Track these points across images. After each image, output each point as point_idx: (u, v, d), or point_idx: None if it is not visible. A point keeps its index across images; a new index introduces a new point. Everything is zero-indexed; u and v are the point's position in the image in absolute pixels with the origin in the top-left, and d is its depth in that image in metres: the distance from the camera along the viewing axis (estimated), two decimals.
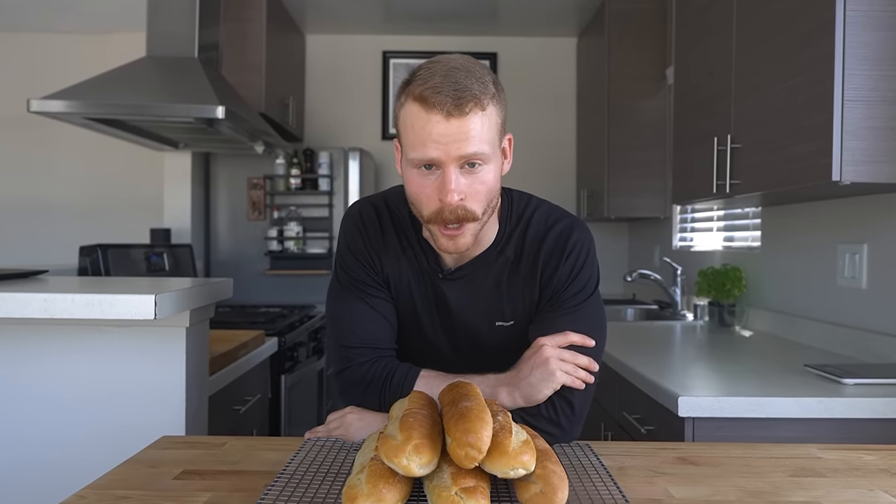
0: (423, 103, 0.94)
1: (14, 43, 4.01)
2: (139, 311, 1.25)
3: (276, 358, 2.41)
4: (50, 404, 1.42)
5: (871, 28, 1.42)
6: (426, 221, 1.01)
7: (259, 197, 3.50)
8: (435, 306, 1.12)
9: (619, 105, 3.33)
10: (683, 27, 2.35)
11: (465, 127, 0.94)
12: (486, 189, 0.99)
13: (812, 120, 1.50)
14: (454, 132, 0.94)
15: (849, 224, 1.88)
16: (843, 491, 0.88)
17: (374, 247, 1.11)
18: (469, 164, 0.96)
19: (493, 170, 0.99)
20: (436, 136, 0.94)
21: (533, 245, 1.10)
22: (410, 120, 0.96)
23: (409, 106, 0.97)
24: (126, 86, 2.42)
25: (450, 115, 0.93)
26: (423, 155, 0.95)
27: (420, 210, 1.01)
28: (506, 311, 1.10)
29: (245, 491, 0.86)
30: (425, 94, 0.94)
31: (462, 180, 0.96)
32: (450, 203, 0.96)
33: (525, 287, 1.10)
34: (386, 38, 4.09)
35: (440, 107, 0.93)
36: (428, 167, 0.97)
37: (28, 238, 3.95)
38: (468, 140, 0.94)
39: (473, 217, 0.98)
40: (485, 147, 0.96)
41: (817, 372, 1.53)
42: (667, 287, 2.92)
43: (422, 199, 0.99)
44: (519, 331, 1.11)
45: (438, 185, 0.96)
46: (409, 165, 0.99)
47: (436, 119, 0.93)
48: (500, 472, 0.75)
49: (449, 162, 0.95)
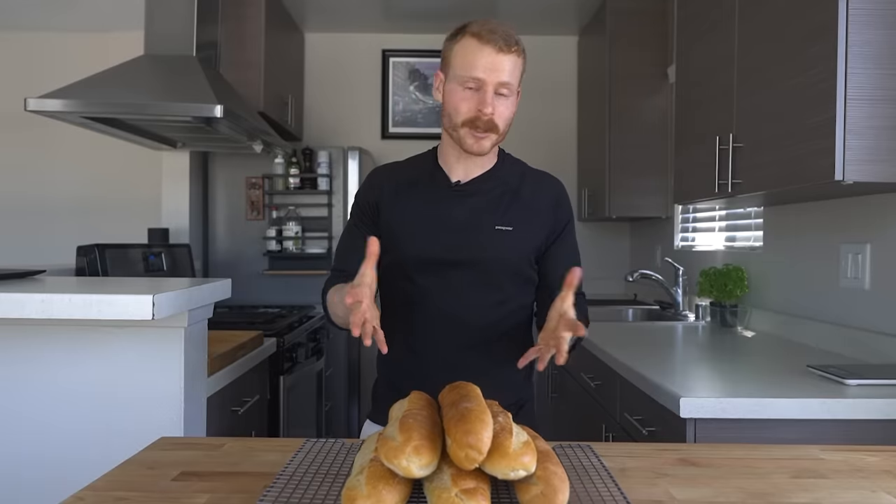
0: (479, 38, 1.24)
1: (11, 41, 4.00)
2: (137, 312, 1.24)
3: (274, 359, 2.40)
4: (47, 405, 1.41)
5: (875, 27, 1.41)
6: (460, 125, 1.27)
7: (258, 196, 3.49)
8: (441, 212, 1.33)
9: (621, 104, 3.33)
10: (685, 25, 2.34)
11: (507, 62, 1.25)
12: (508, 113, 1.29)
13: (815, 119, 1.50)
14: (499, 63, 1.24)
15: (852, 224, 1.88)
16: (845, 492, 0.87)
17: (369, 192, 1.38)
18: (501, 91, 1.25)
19: (513, 101, 1.29)
20: (485, 62, 1.24)
21: (534, 184, 1.38)
22: (466, 49, 1.26)
23: (466, 40, 1.26)
24: (124, 84, 2.41)
25: (500, 50, 1.24)
26: (473, 74, 1.24)
27: (457, 117, 1.27)
28: (505, 218, 1.33)
29: (244, 492, 0.85)
30: (482, 32, 1.24)
31: (495, 101, 1.26)
32: (486, 113, 1.25)
33: (527, 210, 1.35)
34: (385, 36, 4.08)
35: (494, 43, 1.24)
36: (472, 86, 1.25)
37: (25, 238, 3.94)
38: (506, 71, 1.25)
39: (496, 130, 1.27)
40: (514, 81, 1.27)
41: (820, 373, 1.52)
42: (668, 287, 2.91)
43: (460, 108, 1.27)
44: (517, 237, 1.32)
45: (478, 100, 1.25)
46: (454, 83, 1.27)
47: (488, 50, 1.24)
48: (500, 473, 0.74)
49: (490, 83, 1.24)
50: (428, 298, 1.31)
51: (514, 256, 1.33)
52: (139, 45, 2.61)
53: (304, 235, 3.43)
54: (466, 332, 1.31)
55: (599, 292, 3.79)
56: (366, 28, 4.00)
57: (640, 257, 3.81)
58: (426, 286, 1.31)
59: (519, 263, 1.33)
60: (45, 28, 3.95)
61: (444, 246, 1.31)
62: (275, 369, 2.41)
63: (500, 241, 1.31)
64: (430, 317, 1.32)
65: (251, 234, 3.49)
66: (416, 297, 1.32)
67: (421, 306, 1.32)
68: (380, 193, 1.37)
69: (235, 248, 3.50)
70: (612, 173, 3.34)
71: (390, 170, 1.42)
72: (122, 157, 3.82)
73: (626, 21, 3.32)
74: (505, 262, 1.32)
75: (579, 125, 4.03)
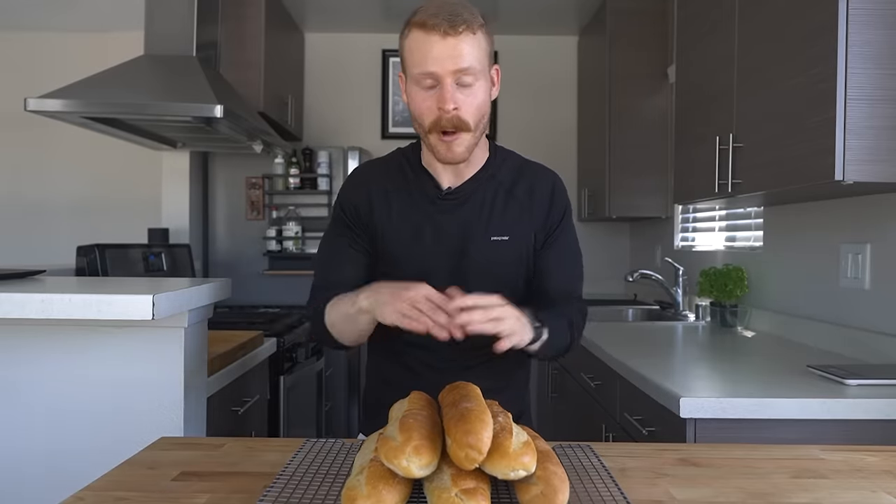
0: (422, 27, 1.11)
1: (11, 41, 4.00)
2: (137, 312, 1.24)
3: (274, 359, 2.40)
4: (47, 405, 1.41)
5: (875, 27, 1.41)
6: (427, 132, 1.15)
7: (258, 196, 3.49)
8: (434, 224, 1.23)
9: (621, 104, 3.32)
10: (685, 25, 2.34)
11: (459, 45, 1.10)
12: (477, 103, 1.13)
13: (815, 119, 1.50)
14: (449, 49, 1.09)
15: (852, 224, 1.87)
16: (845, 492, 0.87)
17: (357, 199, 1.26)
18: (463, 81, 1.11)
19: (483, 87, 1.14)
20: (435, 53, 1.10)
21: (529, 180, 1.27)
22: (413, 44, 1.12)
23: (411, 34, 1.13)
24: (124, 84, 2.41)
25: (446, 34, 1.09)
26: (424, 69, 1.11)
27: (422, 122, 1.15)
28: (501, 226, 1.23)
29: (244, 492, 0.85)
30: (425, 20, 1.10)
31: (457, 94, 1.12)
32: (447, 111, 1.11)
33: (523, 211, 1.25)
34: (385, 36, 4.08)
35: (437, 28, 1.09)
36: (429, 84, 1.12)
37: (25, 238, 3.94)
38: (461, 56, 1.10)
39: (467, 127, 1.13)
40: (475, 63, 1.12)
41: (820, 373, 1.52)
42: (668, 287, 2.91)
43: (423, 112, 1.14)
44: (513, 245, 1.24)
45: (437, 97, 1.12)
46: (412, 84, 1.15)
47: (434, 38, 1.09)
48: (500, 473, 0.74)
49: (445, 75, 1.10)
50: None
51: (511, 268, 1.24)
52: (139, 45, 2.61)
53: (304, 235, 3.44)
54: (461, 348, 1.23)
55: (599, 292, 3.79)
56: (366, 28, 4.00)
57: (640, 257, 3.81)
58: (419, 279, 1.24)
59: (517, 272, 1.25)
60: (45, 28, 3.95)
61: (438, 265, 1.22)
62: (275, 369, 2.41)
63: (496, 253, 1.22)
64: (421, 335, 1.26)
65: (251, 234, 3.49)
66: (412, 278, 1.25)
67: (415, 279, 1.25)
68: (367, 198, 1.25)
69: (235, 248, 3.50)
70: (612, 173, 3.34)
71: (375, 173, 1.28)
72: (122, 157, 3.82)
73: (626, 21, 3.32)
74: (502, 274, 1.23)
75: (579, 125, 4.03)
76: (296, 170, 3.47)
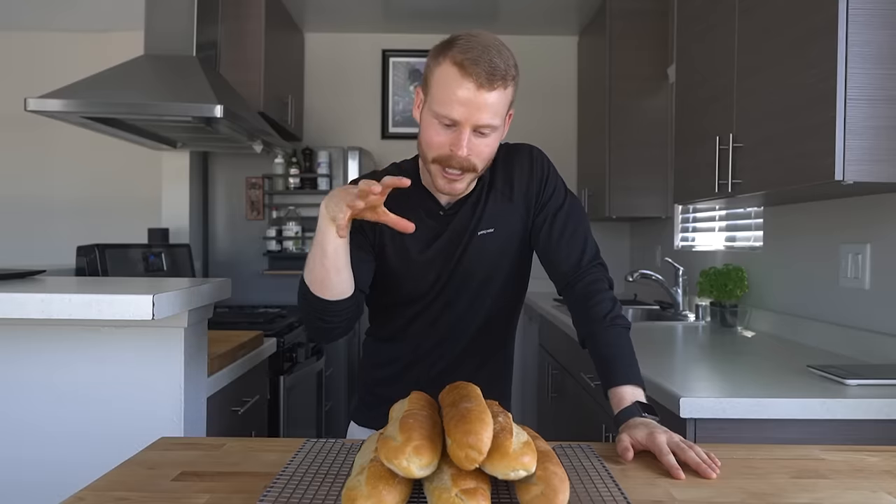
0: (460, 68, 1.10)
1: (11, 42, 4.00)
2: (137, 312, 1.24)
3: (274, 359, 2.40)
4: (47, 405, 1.41)
5: (875, 27, 1.41)
6: (431, 161, 1.17)
7: (258, 196, 3.49)
8: (433, 237, 1.26)
9: (621, 104, 3.32)
10: (685, 25, 2.34)
11: (489, 100, 1.11)
12: (489, 151, 1.17)
13: (815, 119, 1.50)
14: (479, 102, 1.10)
15: (852, 224, 1.87)
16: (846, 493, 0.87)
17: None
18: (482, 131, 1.13)
19: (497, 137, 1.18)
20: (464, 100, 1.10)
21: (505, 165, 1.28)
22: (445, 79, 1.12)
23: (446, 66, 1.12)
24: (124, 84, 2.41)
25: (481, 86, 1.09)
26: (449, 113, 1.11)
27: (429, 152, 1.16)
28: (486, 221, 1.26)
29: (244, 492, 0.85)
30: (465, 62, 1.09)
31: (473, 141, 1.13)
32: (459, 156, 1.13)
33: (504, 198, 1.27)
34: (385, 36, 4.08)
35: (475, 77, 1.09)
36: (447, 123, 1.12)
37: (25, 238, 3.94)
38: (487, 112, 1.11)
39: (473, 169, 1.17)
40: (497, 120, 1.14)
41: (820, 373, 1.52)
42: (668, 287, 2.91)
43: (433, 145, 1.15)
44: (499, 236, 1.27)
45: (453, 139, 1.13)
46: (429, 114, 1.15)
47: (468, 86, 1.09)
48: (500, 473, 0.74)
49: (467, 125, 1.12)
50: (418, 319, 1.32)
51: (496, 259, 1.28)
52: (139, 45, 2.61)
53: (304, 235, 3.43)
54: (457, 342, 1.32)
55: None
56: (366, 28, 4.00)
57: (641, 257, 3.81)
58: (416, 310, 1.31)
59: (503, 261, 1.29)
60: (45, 28, 3.95)
61: (437, 276, 1.28)
62: (275, 369, 2.41)
63: (483, 246, 1.26)
64: (419, 332, 1.32)
65: (251, 234, 3.49)
66: (406, 319, 1.32)
67: (411, 324, 1.32)
68: None
69: (235, 248, 3.50)
70: (612, 173, 3.34)
71: None
72: (122, 157, 3.82)
73: (627, 21, 3.32)
74: (488, 266, 1.28)
75: (579, 125, 4.03)
76: (296, 170, 3.47)
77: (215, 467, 0.95)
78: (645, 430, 1.00)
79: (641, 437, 0.99)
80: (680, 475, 0.91)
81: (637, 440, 0.99)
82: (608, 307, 1.21)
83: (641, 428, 1.01)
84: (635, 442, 0.99)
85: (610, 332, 1.18)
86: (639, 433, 1.00)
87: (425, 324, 1.31)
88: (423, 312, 1.31)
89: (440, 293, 1.29)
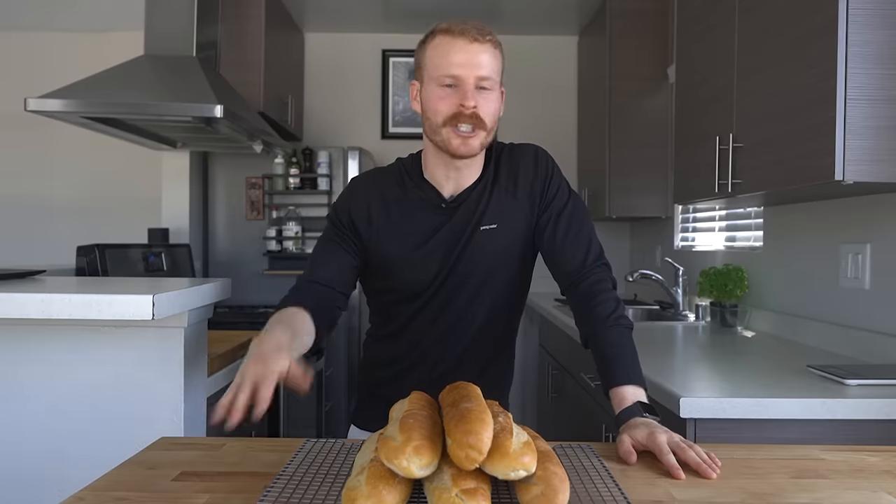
0: (449, 34, 1.17)
1: (11, 42, 4.00)
2: (137, 312, 1.24)
3: None
4: (47, 405, 1.41)
5: (875, 27, 1.41)
6: (442, 125, 1.18)
7: (258, 196, 3.49)
8: (434, 230, 1.27)
9: (621, 104, 3.32)
10: (685, 25, 2.34)
11: (483, 54, 1.17)
12: (492, 108, 1.20)
13: (815, 119, 1.50)
14: (474, 56, 1.16)
15: (852, 224, 1.87)
16: (845, 493, 0.87)
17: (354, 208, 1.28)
18: (482, 86, 1.17)
19: (496, 97, 1.21)
20: (460, 57, 1.16)
21: (510, 163, 1.30)
22: (437, 49, 1.18)
23: (436, 39, 1.19)
24: (124, 84, 2.41)
25: (474, 39, 1.16)
26: (448, 72, 1.16)
27: (437, 117, 1.19)
28: (490, 217, 1.27)
29: (244, 492, 0.85)
30: (452, 28, 1.17)
31: (477, 96, 1.17)
32: (467, 107, 1.16)
33: (508, 195, 1.29)
34: (385, 36, 4.08)
35: (466, 34, 1.16)
36: (449, 86, 1.17)
37: (25, 238, 3.94)
38: (485, 64, 1.17)
39: (483, 126, 1.19)
40: (494, 75, 1.19)
41: (820, 373, 1.52)
42: (668, 287, 2.91)
43: (440, 108, 1.18)
44: (502, 233, 1.28)
45: (458, 96, 1.17)
46: (430, 84, 1.19)
47: (461, 43, 1.16)
48: (500, 473, 0.74)
49: (468, 79, 1.16)
50: (418, 317, 1.32)
51: (501, 255, 1.29)
52: (139, 45, 2.61)
53: (304, 235, 3.43)
54: (457, 342, 1.32)
55: None
56: (366, 28, 4.00)
57: (641, 257, 3.81)
58: (417, 306, 1.31)
59: (507, 259, 1.30)
60: (45, 28, 3.95)
61: (437, 270, 1.28)
62: None
63: (486, 242, 1.27)
64: (419, 330, 1.33)
65: (251, 234, 3.49)
66: (406, 317, 1.33)
67: (412, 321, 1.33)
68: (365, 208, 1.28)
69: (235, 248, 3.50)
70: (612, 173, 3.34)
71: (374, 183, 1.31)
72: (122, 157, 3.82)
73: (627, 21, 3.32)
74: (492, 262, 1.28)
75: (579, 125, 4.03)
76: (296, 170, 3.47)
77: (215, 467, 0.95)
78: (645, 429, 1.00)
79: (642, 437, 0.99)
80: (680, 475, 0.91)
81: (637, 440, 1.00)
82: (611, 307, 1.21)
83: (642, 428, 1.01)
84: (636, 442, 1.00)
85: (612, 332, 1.19)
86: (639, 433, 1.00)
87: (425, 321, 1.31)
88: (423, 309, 1.31)
89: (440, 289, 1.29)
